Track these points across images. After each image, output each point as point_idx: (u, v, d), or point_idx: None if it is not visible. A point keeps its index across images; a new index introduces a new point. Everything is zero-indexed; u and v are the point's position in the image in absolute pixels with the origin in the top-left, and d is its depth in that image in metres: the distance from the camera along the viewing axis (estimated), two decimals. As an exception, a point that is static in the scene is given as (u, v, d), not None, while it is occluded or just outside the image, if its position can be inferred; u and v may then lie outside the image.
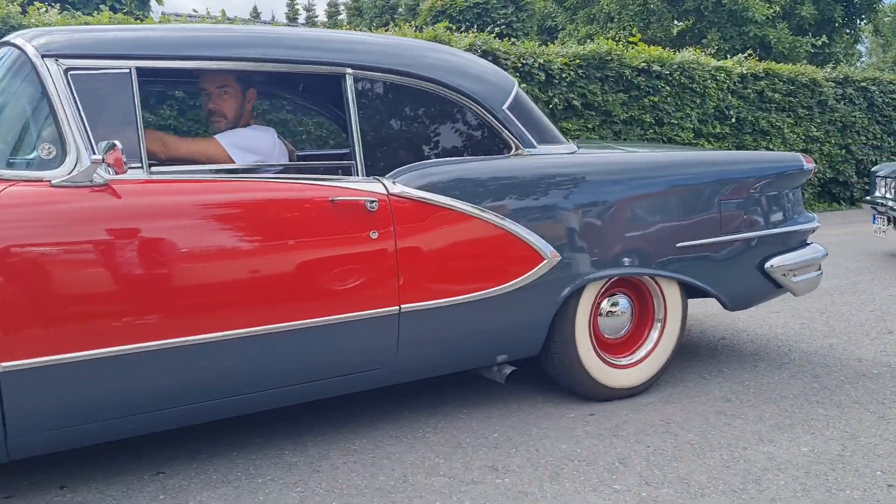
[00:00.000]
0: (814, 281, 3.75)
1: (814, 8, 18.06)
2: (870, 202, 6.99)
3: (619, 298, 3.37)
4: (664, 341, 3.41)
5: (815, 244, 3.79)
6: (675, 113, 8.96)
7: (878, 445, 2.83)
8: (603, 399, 3.29)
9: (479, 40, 7.39)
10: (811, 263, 3.69)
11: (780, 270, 3.55)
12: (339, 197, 2.64)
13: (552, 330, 3.11)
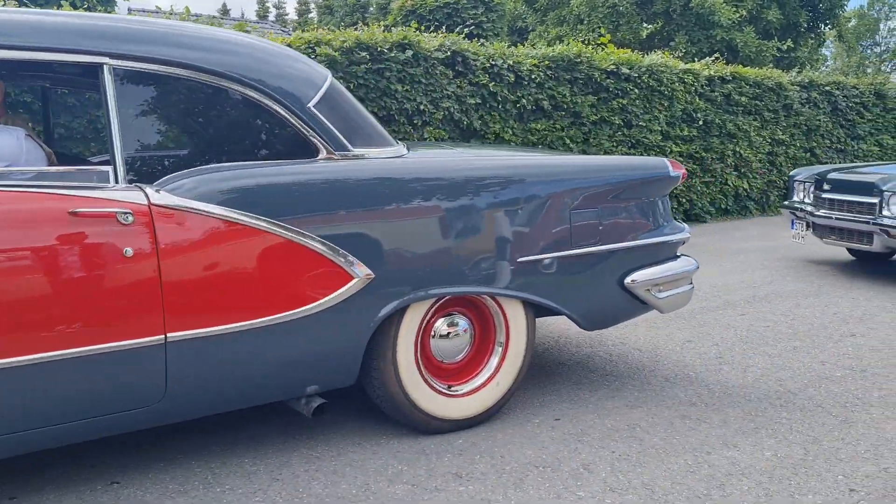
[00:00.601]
0: (683, 296, 3.50)
1: (779, 12, 18.31)
2: (788, 207, 6.88)
3: (458, 318, 3.04)
4: (506, 367, 3.09)
5: (686, 257, 3.55)
6: (643, 115, 9.00)
7: (840, 449, 2.84)
8: (435, 432, 2.96)
9: (448, 41, 7.36)
10: (680, 277, 3.44)
11: (643, 286, 3.29)
12: (82, 208, 2.24)
13: (370, 356, 2.79)
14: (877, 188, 5.70)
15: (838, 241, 6.13)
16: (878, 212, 5.65)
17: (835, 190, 6.09)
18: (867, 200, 5.76)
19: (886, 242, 5.65)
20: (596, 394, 3.43)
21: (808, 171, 6.83)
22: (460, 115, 7.40)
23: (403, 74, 6.93)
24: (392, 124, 6.95)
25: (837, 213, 6.03)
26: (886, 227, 5.58)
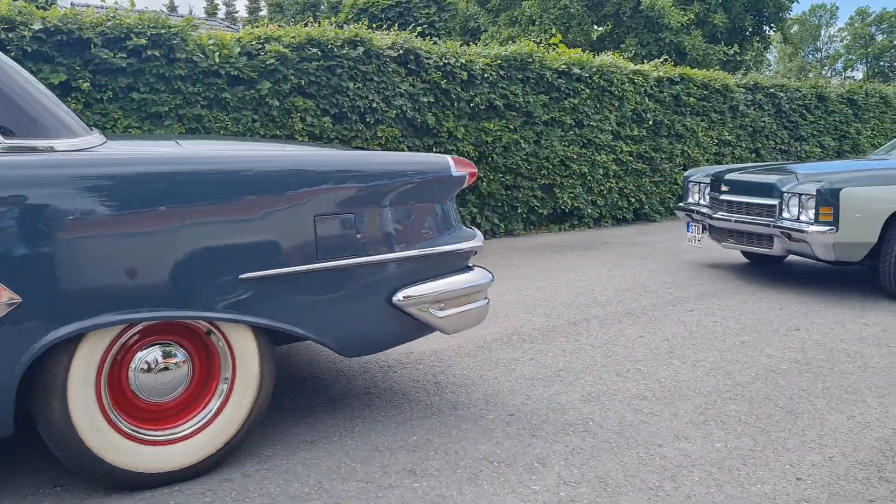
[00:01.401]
0: (474, 313, 3.05)
1: (725, 16, 18.70)
2: (683, 209, 6.61)
3: (175, 349, 2.51)
4: (230, 408, 2.57)
5: (480, 269, 3.12)
6: (594, 115, 9.10)
7: (787, 440, 2.90)
8: (126, 487, 2.43)
9: (400, 38, 7.33)
10: (469, 292, 3.00)
11: (417, 303, 2.84)
12: None
13: (35, 399, 2.28)
14: (776, 189, 5.43)
15: (736, 245, 5.84)
16: (778, 214, 5.39)
17: (733, 191, 5.81)
18: (766, 202, 5.49)
19: (787, 245, 5.39)
20: (550, 389, 3.44)
21: (703, 172, 6.58)
22: (413, 114, 7.38)
23: (355, 72, 6.88)
24: (344, 122, 6.90)
25: (736, 216, 5.74)
26: (787, 229, 5.28)
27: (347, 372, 3.67)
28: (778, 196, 5.39)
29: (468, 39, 17.89)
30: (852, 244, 5.07)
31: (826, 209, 5.02)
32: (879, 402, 3.30)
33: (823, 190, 5.05)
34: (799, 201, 5.22)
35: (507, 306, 5.02)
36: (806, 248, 5.19)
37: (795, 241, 5.23)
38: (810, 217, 5.14)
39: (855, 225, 5.02)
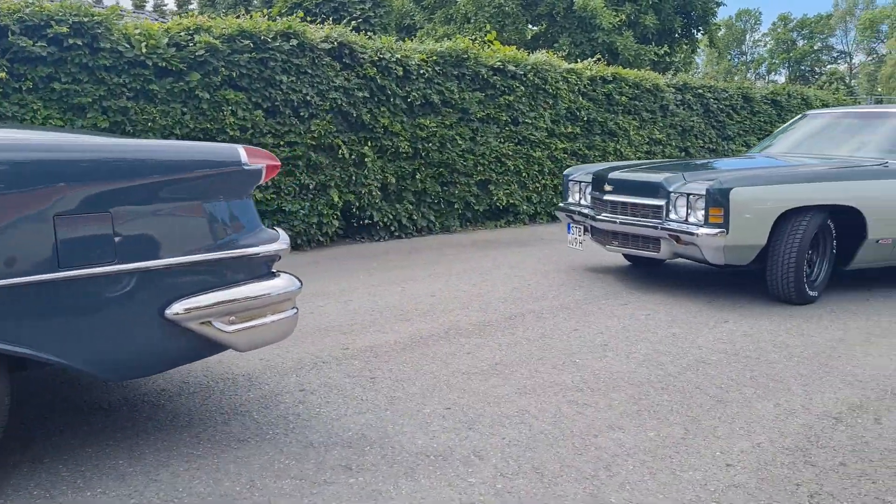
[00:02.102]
0: (275, 326, 2.70)
1: (656, 18, 19.13)
2: (563, 210, 6.23)
3: None
4: None
5: (287, 275, 2.76)
6: (529, 112, 9.17)
7: (717, 427, 2.96)
8: None
9: (335, 32, 7.24)
10: (268, 302, 2.65)
11: (196, 317, 2.46)
12: None
13: None
14: (662, 189, 5.07)
15: (621, 248, 5.49)
16: (665, 215, 5.04)
17: (617, 191, 5.42)
18: (653, 203, 5.12)
19: (674, 249, 5.07)
20: (486, 383, 3.44)
21: (584, 170, 6.19)
22: (348, 108, 7.30)
23: (289, 65, 6.76)
24: (277, 116, 6.77)
25: (621, 217, 5.36)
26: (675, 231, 4.94)
27: (280, 368, 3.59)
28: (665, 196, 5.04)
29: (403, 36, 17.86)
30: (742, 247, 4.81)
31: (716, 210, 4.73)
32: (804, 389, 3.40)
33: (713, 190, 4.73)
34: (687, 202, 4.90)
35: (443, 302, 5.01)
36: (695, 251, 4.91)
37: (684, 244, 4.93)
38: (699, 219, 4.83)
39: (745, 226, 4.75)
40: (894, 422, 3.04)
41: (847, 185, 5.03)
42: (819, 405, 3.21)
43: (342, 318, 4.54)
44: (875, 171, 5.24)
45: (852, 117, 6.38)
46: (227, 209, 2.61)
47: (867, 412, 3.14)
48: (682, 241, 4.90)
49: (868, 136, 5.95)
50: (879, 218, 5.04)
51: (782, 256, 4.84)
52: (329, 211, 7.27)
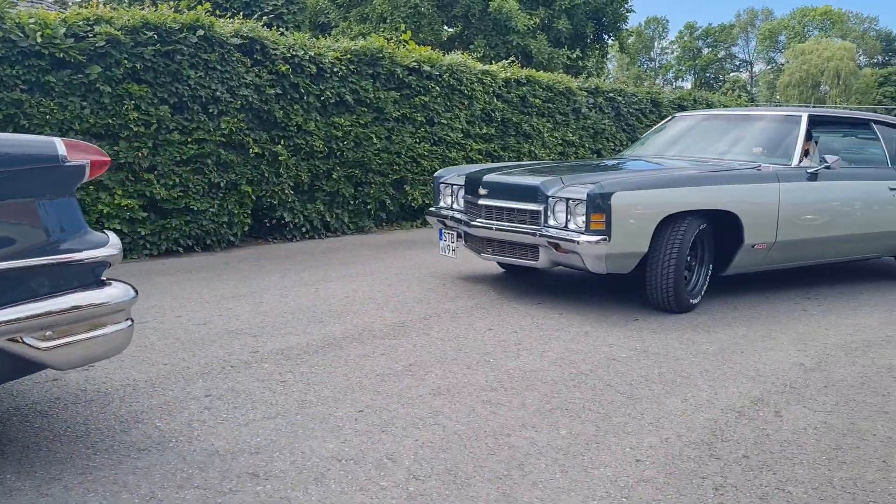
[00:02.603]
0: (105, 341, 2.43)
1: (569, 23, 19.50)
2: (434, 214, 5.83)
3: None
4: None
5: (120, 284, 2.49)
6: (444, 113, 9.17)
7: (627, 424, 3.00)
8: None
9: (245, 27, 7.05)
10: (93, 314, 2.38)
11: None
12: None
13: None
14: (540, 193, 4.73)
15: (497, 256, 5.13)
16: (544, 221, 4.71)
17: (492, 195, 5.04)
18: (530, 207, 4.78)
19: (554, 257, 4.75)
20: (400, 384, 3.39)
21: (457, 172, 5.81)
22: (260, 105, 7.12)
23: (197, 59, 6.54)
24: (185, 111, 6.54)
25: (496, 223, 4.98)
26: (554, 239, 4.60)
27: (185, 374, 3.45)
28: (542, 201, 4.71)
29: (318, 34, 17.63)
30: (625, 254, 4.58)
31: (598, 216, 4.43)
32: (709, 384, 3.49)
33: (594, 195, 4.43)
34: (566, 207, 4.59)
35: (357, 303, 4.94)
36: (576, 259, 4.61)
37: (564, 253, 4.60)
38: (580, 225, 4.52)
39: (627, 233, 4.51)
40: (793, 414, 3.16)
41: (725, 189, 4.92)
42: (723, 399, 3.30)
43: (253, 321, 4.41)
44: (749, 175, 5.15)
45: (719, 119, 6.34)
46: (44, 210, 2.31)
47: (768, 405, 3.25)
48: (562, 249, 4.59)
49: (738, 138, 5.91)
50: (755, 222, 4.98)
51: (662, 263, 4.65)
52: (240, 210, 7.08)
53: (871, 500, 2.43)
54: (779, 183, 5.11)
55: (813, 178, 5.29)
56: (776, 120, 5.89)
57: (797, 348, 4.14)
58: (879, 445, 2.87)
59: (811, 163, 5.47)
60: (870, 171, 5.90)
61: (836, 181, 5.47)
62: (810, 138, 5.58)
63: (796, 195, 5.21)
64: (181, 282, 5.47)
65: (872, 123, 6.15)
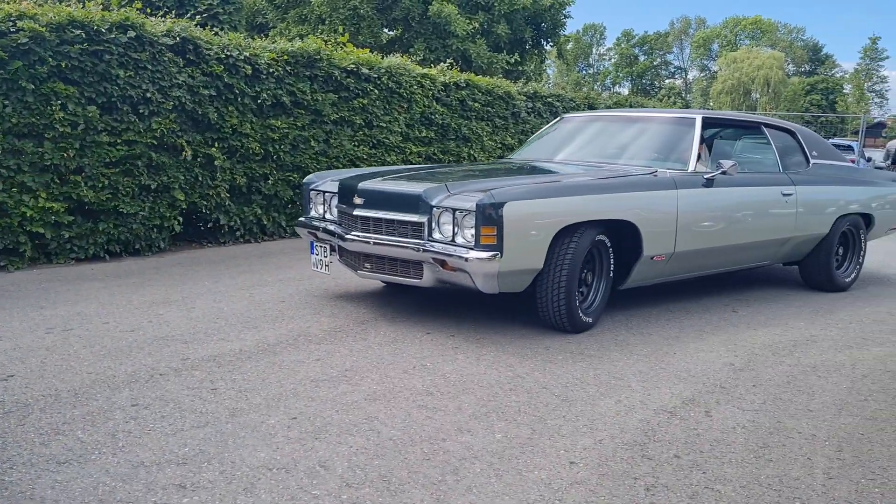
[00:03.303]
0: None
1: (507, 28, 19.66)
2: (304, 225, 5.24)
3: None
4: None
5: None
6: (384, 116, 9.12)
7: (562, 426, 3.01)
8: None
9: (178, 26, 6.88)
10: None
11: None
12: None
13: None
14: (423, 203, 4.20)
15: (376, 273, 4.56)
16: (428, 234, 4.18)
17: (369, 204, 4.48)
18: (412, 219, 4.24)
19: (440, 275, 4.22)
20: (335, 390, 3.34)
21: (330, 178, 5.23)
22: (193, 106, 6.96)
23: (126, 59, 6.35)
24: (114, 112, 6.34)
25: (375, 236, 4.41)
26: (440, 255, 4.08)
27: (111, 382, 3.33)
28: (426, 211, 4.18)
29: (256, 35, 17.48)
30: (519, 271, 4.13)
31: (488, 229, 3.94)
32: (643, 386, 3.54)
33: (484, 205, 3.93)
34: (453, 218, 4.10)
35: (293, 308, 4.86)
36: (464, 278, 4.10)
37: (451, 270, 4.09)
38: (468, 239, 4.03)
39: (522, 248, 4.06)
40: (723, 414, 3.22)
41: (624, 198, 4.53)
42: (656, 400, 3.35)
43: (184, 327, 4.29)
44: (647, 182, 4.75)
45: (609, 121, 5.96)
46: None
47: (699, 405, 3.31)
48: (448, 267, 4.08)
49: (630, 141, 5.55)
50: (654, 232, 4.64)
51: (552, 279, 4.23)
52: (171, 213, 6.90)
53: (796, 497, 2.49)
54: (676, 190, 4.77)
55: (709, 184, 4.97)
56: (669, 122, 5.57)
57: (727, 349, 4.23)
58: (804, 443, 2.95)
59: (706, 168, 5.15)
60: (763, 177, 5.67)
61: (732, 187, 5.18)
62: (704, 141, 5.30)
63: (694, 202, 4.89)
64: (109, 287, 5.30)
65: (763, 127, 6.01)
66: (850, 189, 6.21)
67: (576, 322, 4.37)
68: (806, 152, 6.10)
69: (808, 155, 6.10)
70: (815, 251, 5.99)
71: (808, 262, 6.08)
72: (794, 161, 5.98)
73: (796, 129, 6.25)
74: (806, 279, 6.23)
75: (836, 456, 2.83)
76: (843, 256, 6.29)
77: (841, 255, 6.26)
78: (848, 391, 3.59)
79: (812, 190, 5.82)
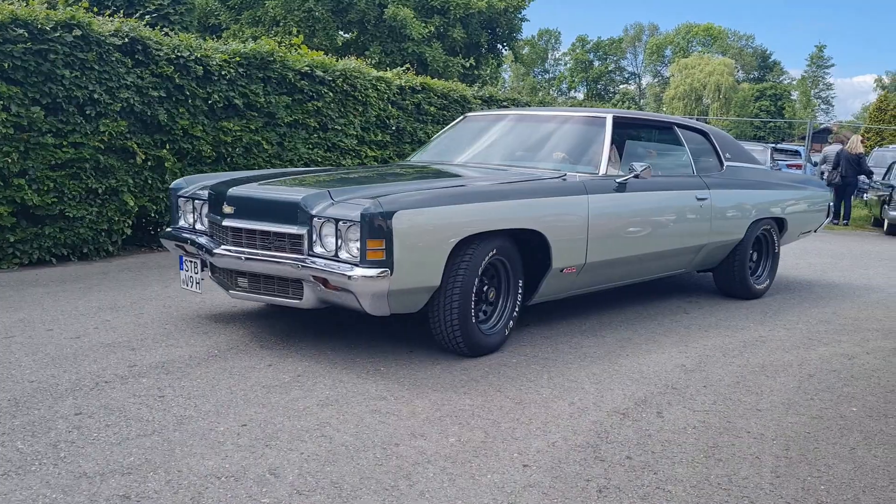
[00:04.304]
0: None
1: (463, 32, 19.72)
2: (171, 237, 4.61)
3: None
4: None
5: None
6: (338, 119, 9.06)
7: (515, 429, 3.01)
8: None
9: (126, 26, 6.73)
10: None
11: None
12: None
13: None
14: (302, 212, 3.66)
15: (251, 293, 3.96)
16: (308, 248, 3.66)
17: (241, 214, 3.91)
18: (289, 231, 3.69)
19: (323, 295, 3.68)
20: (287, 395, 3.29)
21: (200, 183, 4.65)
22: (142, 108, 6.82)
23: (72, 58, 6.20)
24: (59, 113, 6.18)
25: (248, 251, 3.84)
26: (321, 272, 3.55)
27: (54, 391, 3.23)
28: (305, 222, 3.66)
29: (208, 36, 17.26)
30: (413, 290, 3.65)
31: (375, 242, 3.45)
32: (596, 388, 3.56)
33: (371, 214, 3.43)
34: (336, 230, 3.58)
35: (246, 312, 4.78)
36: (350, 299, 3.61)
37: (335, 290, 3.59)
38: (353, 254, 3.52)
39: (416, 263, 3.58)
40: (674, 414, 3.25)
41: (531, 204, 4.10)
42: (609, 402, 3.37)
43: (131, 333, 4.19)
44: (556, 187, 4.37)
45: (515, 121, 5.46)
46: None
47: (651, 406, 3.34)
48: (331, 286, 3.58)
49: (538, 142, 5.13)
50: (564, 242, 4.24)
51: (445, 296, 3.76)
52: (120, 217, 6.75)
53: (745, 496, 2.53)
54: (587, 195, 4.40)
55: (621, 188, 4.63)
56: (579, 122, 5.15)
57: (679, 350, 4.28)
58: (753, 442, 2.99)
59: (618, 171, 4.80)
60: (678, 180, 5.32)
61: (646, 192, 4.84)
62: (615, 143, 4.96)
63: (606, 209, 4.51)
64: (54, 293, 5.16)
65: (676, 127, 5.69)
66: (764, 193, 6.00)
67: (474, 344, 3.91)
68: (720, 154, 5.85)
69: (721, 157, 5.85)
70: (730, 257, 5.76)
71: (723, 268, 5.84)
72: (707, 163, 5.72)
73: (709, 130, 6.01)
74: (720, 287, 5.98)
75: (783, 454, 2.88)
76: (756, 262, 6.07)
77: (755, 260, 6.05)
78: (795, 390, 3.66)
79: (727, 194, 5.57)
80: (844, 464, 2.82)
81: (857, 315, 5.50)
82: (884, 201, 12.46)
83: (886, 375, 3.99)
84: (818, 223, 6.82)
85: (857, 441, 3.06)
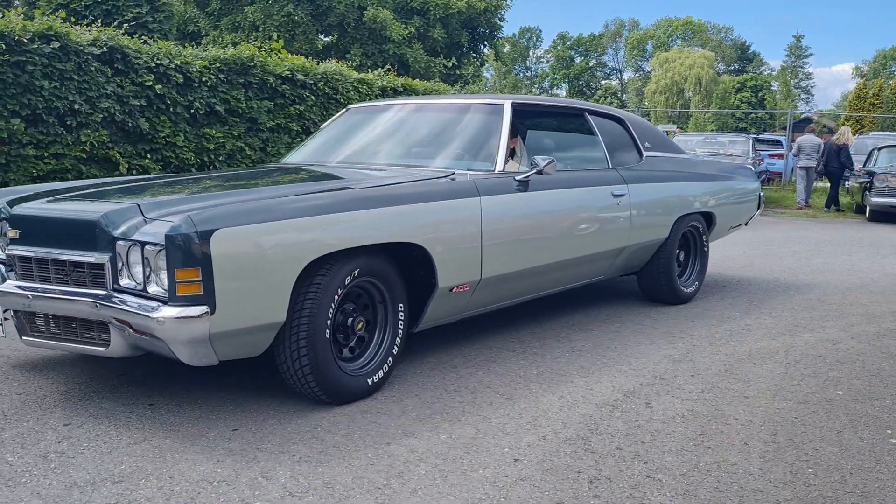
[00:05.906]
0: None
1: (444, 32, 19.74)
2: None
3: None
4: None
5: None
6: (321, 122, 9.05)
7: (505, 424, 3.03)
8: None
9: (104, 35, 6.71)
10: None
11: None
12: None
13: None
14: (103, 233, 2.84)
15: (49, 340, 3.09)
16: (113, 281, 2.84)
17: (28, 238, 3.07)
18: (87, 259, 2.87)
19: (134, 340, 2.83)
20: (277, 399, 3.29)
21: (8, 196, 3.51)
22: (123, 117, 6.80)
23: (51, 69, 6.17)
24: (40, 125, 6.16)
25: (40, 285, 3.00)
26: (122, 312, 2.76)
27: (42, 403, 3.22)
28: (107, 247, 2.84)
29: (188, 43, 17.19)
30: (248, 330, 2.86)
31: (188, 272, 2.65)
32: (585, 381, 3.58)
33: (179, 234, 2.63)
34: (142, 256, 2.75)
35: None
36: (162, 346, 2.78)
37: (143, 335, 2.77)
38: (165, 287, 2.70)
39: (249, 295, 2.80)
40: (663, 404, 3.28)
41: (406, 212, 3.37)
42: (598, 394, 3.39)
43: (119, 343, 4.17)
44: (441, 189, 3.62)
45: (401, 111, 4.66)
46: None
47: (639, 397, 3.36)
48: (139, 329, 2.76)
49: (425, 136, 4.44)
50: (450, 256, 3.53)
51: (293, 333, 3.01)
52: (106, 228, 6.72)
53: (734, 482, 2.55)
54: (479, 197, 3.68)
55: (523, 187, 3.93)
56: (472, 111, 4.39)
57: (666, 341, 4.32)
58: (741, 429, 3.02)
59: (519, 166, 4.16)
60: (590, 175, 4.64)
61: (552, 190, 4.15)
62: (516, 134, 4.38)
63: (504, 212, 3.82)
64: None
65: (587, 114, 4.93)
66: (689, 185, 5.34)
67: (335, 390, 3.15)
68: (638, 144, 5.17)
69: (640, 147, 5.18)
70: (655, 259, 5.14)
71: (648, 271, 5.21)
72: (625, 155, 5.03)
73: (625, 117, 5.28)
74: (646, 291, 5.37)
75: (771, 440, 2.91)
76: (683, 262, 5.46)
77: (682, 260, 5.42)
78: (782, 377, 3.70)
79: (647, 188, 4.92)
80: (831, 447, 2.86)
81: (841, 301, 5.56)
82: (865, 188, 12.59)
83: (871, 359, 4.04)
84: (749, 215, 6.23)
85: (843, 424, 3.09)
